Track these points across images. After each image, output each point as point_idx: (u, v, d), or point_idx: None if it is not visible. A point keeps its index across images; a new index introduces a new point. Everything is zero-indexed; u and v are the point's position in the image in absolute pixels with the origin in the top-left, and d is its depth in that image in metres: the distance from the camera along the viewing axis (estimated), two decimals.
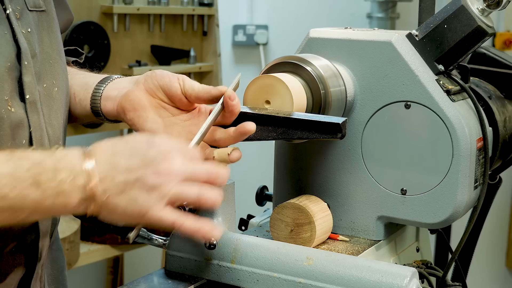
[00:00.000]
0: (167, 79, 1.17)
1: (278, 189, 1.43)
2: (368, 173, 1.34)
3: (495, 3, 1.29)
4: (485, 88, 1.55)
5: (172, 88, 1.16)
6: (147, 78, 1.19)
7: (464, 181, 1.28)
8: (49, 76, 1.18)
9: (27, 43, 1.13)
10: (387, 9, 3.59)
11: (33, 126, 1.11)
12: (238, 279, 1.16)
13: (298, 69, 1.26)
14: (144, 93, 1.18)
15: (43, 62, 1.17)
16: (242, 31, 3.78)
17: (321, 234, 1.28)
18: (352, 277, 1.08)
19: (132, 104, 1.17)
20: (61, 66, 1.22)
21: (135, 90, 1.19)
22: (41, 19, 1.19)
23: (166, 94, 1.17)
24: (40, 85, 1.15)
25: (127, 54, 3.03)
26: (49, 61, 1.19)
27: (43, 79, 1.16)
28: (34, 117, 1.12)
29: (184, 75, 1.19)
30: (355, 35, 1.34)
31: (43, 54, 1.17)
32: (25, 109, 1.10)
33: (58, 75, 1.20)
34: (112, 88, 1.23)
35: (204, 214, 1.19)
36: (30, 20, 1.15)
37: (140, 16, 3.05)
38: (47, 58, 1.19)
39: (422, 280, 1.36)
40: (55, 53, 1.21)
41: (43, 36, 1.19)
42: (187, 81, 1.18)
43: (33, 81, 1.13)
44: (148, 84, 1.18)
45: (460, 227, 1.47)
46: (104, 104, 1.23)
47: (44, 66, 1.17)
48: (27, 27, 1.14)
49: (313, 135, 1.11)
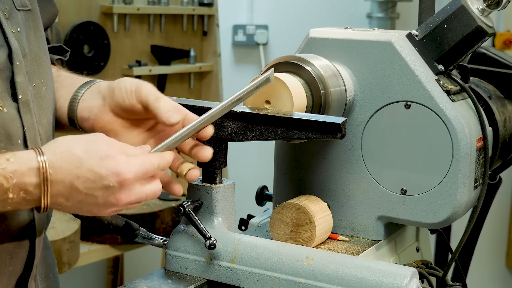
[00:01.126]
0: (120, 95, 1.16)
1: (278, 189, 1.43)
2: (368, 173, 1.34)
3: (495, 3, 1.29)
4: (485, 88, 1.55)
5: (124, 104, 1.15)
6: (109, 98, 1.17)
7: (464, 181, 1.28)
8: (38, 75, 1.18)
9: (18, 42, 1.13)
10: (387, 9, 3.60)
11: (27, 126, 1.12)
12: (238, 279, 1.16)
13: (298, 69, 1.26)
14: (111, 117, 1.18)
15: (32, 61, 1.17)
16: (242, 31, 3.78)
17: (321, 234, 1.28)
18: (352, 277, 1.08)
19: (105, 132, 1.15)
20: (47, 64, 1.22)
21: (103, 113, 1.19)
22: (28, 18, 1.19)
23: (124, 111, 1.16)
24: (31, 84, 1.15)
25: (127, 54, 3.03)
26: (37, 60, 1.19)
27: (32, 78, 1.17)
28: (28, 117, 1.12)
29: (144, 83, 1.16)
30: (355, 35, 1.34)
31: (31, 54, 1.17)
32: (17, 109, 1.11)
33: (46, 74, 1.20)
34: (84, 108, 1.22)
35: (204, 214, 1.19)
36: (19, 19, 1.15)
37: (140, 16, 3.06)
38: (35, 57, 1.19)
39: (422, 280, 1.36)
40: (42, 52, 1.21)
41: (30, 35, 1.18)
42: (138, 92, 1.15)
43: (25, 81, 1.13)
44: (111, 105, 1.17)
45: (460, 227, 1.47)
46: (82, 125, 1.23)
47: (32, 65, 1.17)
48: (17, 27, 1.14)
49: (313, 135, 1.11)
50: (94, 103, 1.20)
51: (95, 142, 1.02)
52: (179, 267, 1.21)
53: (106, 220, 1.21)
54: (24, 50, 1.14)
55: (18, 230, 1.11)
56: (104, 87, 1.20)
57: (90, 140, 1.03)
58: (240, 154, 3.31)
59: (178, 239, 1.21)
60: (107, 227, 1.21)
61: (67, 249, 2.50)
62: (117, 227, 1.21)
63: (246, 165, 3.64)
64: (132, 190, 1.02)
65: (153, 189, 1.05)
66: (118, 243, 2.75)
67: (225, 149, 1.18)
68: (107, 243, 2.74)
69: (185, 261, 1.20)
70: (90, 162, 1.00)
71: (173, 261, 1.22)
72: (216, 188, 1.19)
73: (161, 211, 2.78)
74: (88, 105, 1.21)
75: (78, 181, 1.00)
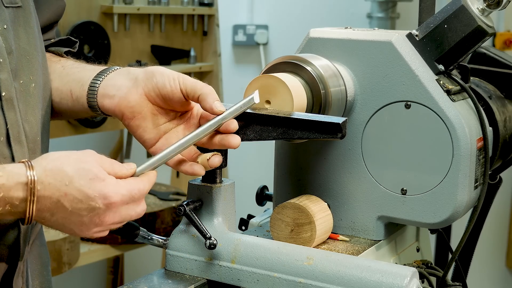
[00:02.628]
0: (162, 80, 1.15)
1: (278, 189, 1.43)
2: (368, 173, 1.34)
3: (495, 3, 1.29)
4: (485, 88, 1.55)
5: (165, 89, 1.15)
6: (146, 81, 1.16)
7: (464, 181, 1.28)
8: (26, 72, 1.18)
9: (3, 40, 1.12)
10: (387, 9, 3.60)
11: (10, 123, 1.12)
12: (238, 279, 1.16)
13: (298, 69, 1.26)
14: (143, 99, 1.16)
15: (20, 58, 1.17)
16: (242, 31, 3.78)
17: (321, 234, 1.28)
18: (352, 277, 1.08)
19: (132, 112, 1.16)
20: (39, 61, 1.21)
21: (134, 94, 1.17)
22: (17, 15, 1.18)
23: (162, 97, 1.15)
24: (17, 81, 1.15)
25: (127, 54, 3.03)
26: (26, 57, 1.18)
27: (19, 75, 1.16)
28: (11, 114, 1.12)
29: (183, 74, 1.17)
30: (355, 35, 1.34)
31: (20, 50, 1.17)
32: (1, 106, 1.11)
33: (35, 71, 1.19)
34: (109, 85, 1.20)
35: (205, 214, 1.19)
36: (6, 16, 1.14)
37: (140, 16, 3.05)
38: (24, 54, 1.18)
39: (422, 280, 1.36)
40: (32, 48, 1.20)
41: (19, 32, 1.18)
42: (181, 80, 1.15)
43: (9, 78, 1.13)
44: (148, 88, 1.16)
45: (460, 227, 1.47)
46: (101, 101, 1.20)
47: (21, 62, 1.16)
48: (3, 24, 1.13)
49: (313, 135, 1.11)
50: (122, 83, 1.19)
51: (86, 162, 1.02)
52: (179, 267, 1.21)
53: None
54: (10, 47, 1.14)
55: (2, 227, 1.12)
56: (137, 70, 1.19)
57: (81, 159, 1.03)
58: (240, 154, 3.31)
59: (178, 239, 1.21)
60: None
61: (67, 249, 2.50)
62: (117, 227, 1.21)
63: (246, 165, 3.64)
64: (117, 212, 1.03)
65: (138, 211, 1.06)
66: (118, 243, 2.75)
67: (225, 149, 1.18)
68: (107, 243, 2.75)
69: (185, 261, 1.20)
70: (79, 181, 1.01)
71: (173, 261, 1.22)
72: (216, 188, 1.19)
73: (161, 211, 2.78)
74: (114, 83, 1.19)
75: (66, 198, 1.01)
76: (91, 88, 1.21)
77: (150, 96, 1.16)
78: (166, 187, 3.07)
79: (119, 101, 1.17)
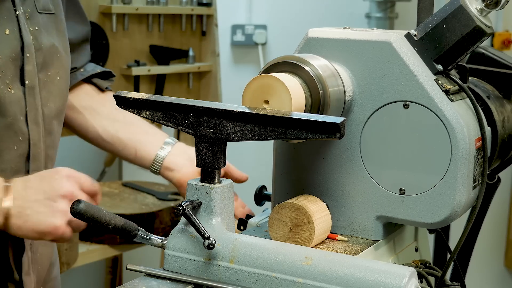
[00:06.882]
0: None
1: (277, 189, 1.43)
2: (367, 173, 1.34)
3: (493, 3, 1.29)
4: (484, 88, 1.55)
5: None
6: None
7: (463, 181, 1.28)
8: (55, 67, 1.45)
9: (33, 38, 1.39)
10: (385, 9, 3.60)
11: (29, 107, 1.38)
12: (236, 279, 1.16)
13: (297, 69, 1.26)
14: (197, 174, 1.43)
15: (52, 55, 1.44)
16: (240, 31, 3.78)
17: (320, 234, 1.28)
18: (351, 277, 1.08)
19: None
20: (66, 60, 1.50)
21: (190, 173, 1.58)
22: (51, 21, 1.45)
23: None
24: (44, 72, 1.42)
25: (125, 54, 3.03)
26: (57, 54, 1.46)
27: (48, 68, 1.43)
28: (31, 99, 1.39)
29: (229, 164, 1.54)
30: (354, 35, 1.34)
31: (53, 48, 1.45)
32: (24, 92, 1.37)
33: (62, 67, 1.48)
34: (171, 161, 1.61)
35: (203, 214, 1.19)
36: (39, 20, 1.41)
37: (139, 16, 3.06)
38: (55, 52, 1.45)
39: (421, 279, 1.36)
40: (62, 49, 1.48)
41: (53, 34, 1.45)
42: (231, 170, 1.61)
43: (33, 70, 1.38)
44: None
45: (458, 227, 1.47)
46: (163, 171, 1.62)
47: (52, 58, 1.44)
48: (35, 26, 1.40)
49: (312, 135, 1.11)
50: (181, 162, 1.61)
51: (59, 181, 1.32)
52: (178, 267, 1.21)
53: (104, 220, 1.21)
54: (39, 45, 1.40)
55: None
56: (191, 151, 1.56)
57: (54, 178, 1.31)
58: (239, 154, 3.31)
59: (177, 239, 1.21)
60: (105, 227, 1.21)
61: (66, 249, 2.50)
62: (116, 227, 1.21)
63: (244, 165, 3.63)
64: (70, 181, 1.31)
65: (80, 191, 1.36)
66: (117, 243, 2.75)
67: (223, 149, 1.18)
68: (106, 243, 2.74)
69: (183, 261, 1.20)
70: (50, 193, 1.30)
71: (171, 261, 1.22)
72: (215, 188, 1.19)
73: (160, 211, 2.78)
74: (176, 161, 1.61)
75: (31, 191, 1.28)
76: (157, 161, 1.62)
77: None
78: (164, 187, 3.07)
79: (180, 177, 1.60)
